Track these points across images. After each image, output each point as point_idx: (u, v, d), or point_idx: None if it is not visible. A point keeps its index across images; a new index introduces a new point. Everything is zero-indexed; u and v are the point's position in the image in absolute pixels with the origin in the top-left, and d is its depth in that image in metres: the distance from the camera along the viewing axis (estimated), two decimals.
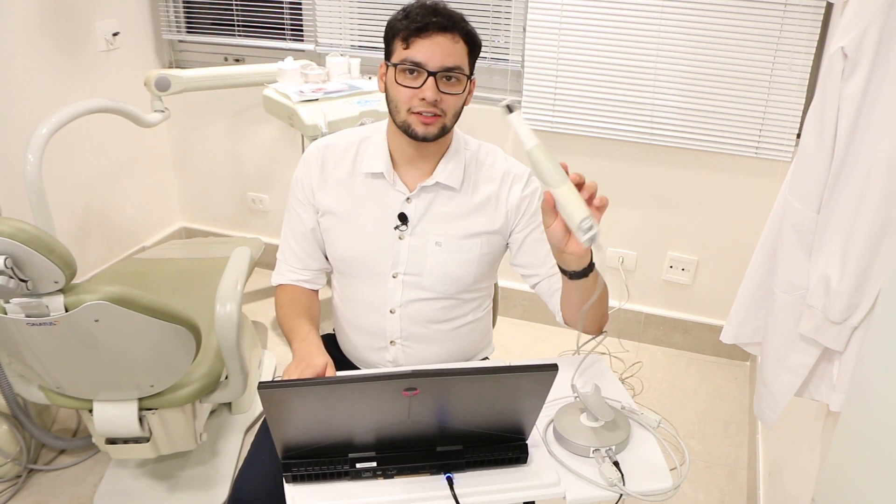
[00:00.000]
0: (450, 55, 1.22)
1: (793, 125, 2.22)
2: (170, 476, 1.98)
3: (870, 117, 1.06)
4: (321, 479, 1.04)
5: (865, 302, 1.10)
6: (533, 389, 1.01)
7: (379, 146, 1.35)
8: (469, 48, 1.26)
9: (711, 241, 2.50)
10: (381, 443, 1.04)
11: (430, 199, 1.35)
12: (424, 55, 1.21)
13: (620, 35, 2.27)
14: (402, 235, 1.35)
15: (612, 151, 2.46)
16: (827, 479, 1.11)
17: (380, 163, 1.34)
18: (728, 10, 2.15)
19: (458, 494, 1.02)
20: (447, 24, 1.22)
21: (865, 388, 0.97)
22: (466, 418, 1.04)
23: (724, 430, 2.28)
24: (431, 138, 1.27)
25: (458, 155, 1.36)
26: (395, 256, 1.35)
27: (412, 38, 1.22)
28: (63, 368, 1.52)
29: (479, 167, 1.37)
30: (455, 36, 1.23)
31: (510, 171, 1.38)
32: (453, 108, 1.27)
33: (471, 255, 1.36)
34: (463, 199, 1.36)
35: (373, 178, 1.35)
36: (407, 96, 1.24)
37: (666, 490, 1.07)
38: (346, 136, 1.40)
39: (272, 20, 2.77)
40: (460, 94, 1.26)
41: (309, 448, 1.02)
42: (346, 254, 1.39)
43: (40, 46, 2.42)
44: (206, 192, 3.16)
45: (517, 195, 1.37)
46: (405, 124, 1.26)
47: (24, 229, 1.25)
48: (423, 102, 1.23)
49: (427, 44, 1.21)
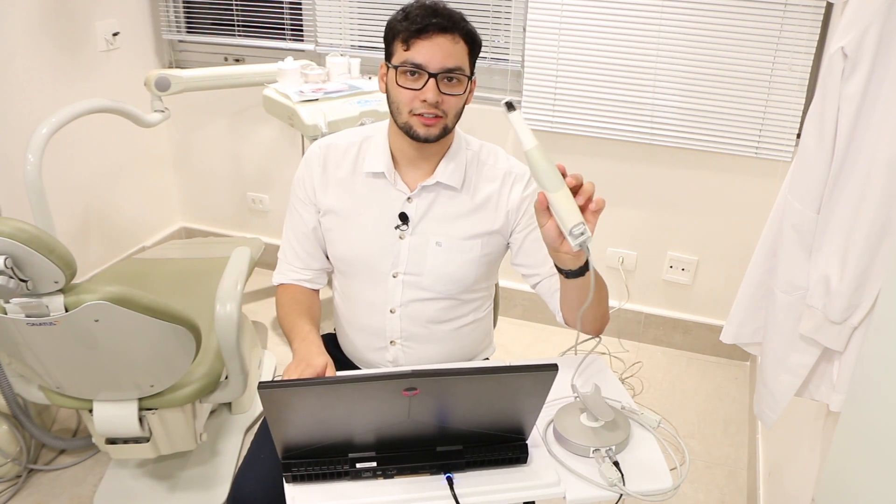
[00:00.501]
0: (450, 56, 1.22)
1: (793, 125, 2.22)
2: (170, 476, 1.98)
3: (870, 117, 1.06)
4: (321, 479, 1.04)
5: (865, 302, 1.10)
6: (533, 389, 1.01)
7: (380, 146, 1.35)
8: (469, 48, 1.26)
9: (711, 241, 2.50)
10: (381, 443, 1.04)
11: (431, 198, 1.35)
12: (425, 57, 1.21)
13: (620, 35, 2.27)
14: (403, 235, 1.35)
15: (612, 151, 2.46)
16: (827, 479, 1.11)
17: (381, 162, 1.34)
18: (728, 10, 2.15)
19: (458, 494, 1.02)
20: (447, 24, 1.22)
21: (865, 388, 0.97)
22: (466, 418, 1.04)
23: (724, 430, 2.28)
24: (433, 139, 1.27)
25: (459, 155, 1.36)
26: (395, 256, 1.35)
27: (412, 39, 1.21)
28: (63, 368, 1.52)
29: (480, 167, 1.37)
30: (455, 36, 1.23)
31: (511, 171, 1.38)
32: (454, 108, 1.26)
33: (471, 256, 1.36)
34: (464, 200, 1.36)
35: (374, 178, 1.35)
36: (408, 98, 1.24)
37: (666, 490, 1.07)
38: (348, 135, 1.40)
39: (272, 20, 2.77)
40: (461, 95, 1.26)
41: (309, 448, 1.02)
42: (346, 253, 1.39)
43: (40, 46, 2.42)
44: (206, 192, 3.16)
45: (518, 195, 1.37)
46: (407, 125, 1.26)
47: (24, 229, 1.25)
48: (425, 104, 1.23)
49: (427, 45, 1.21)
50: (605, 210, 1.10)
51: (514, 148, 2.56)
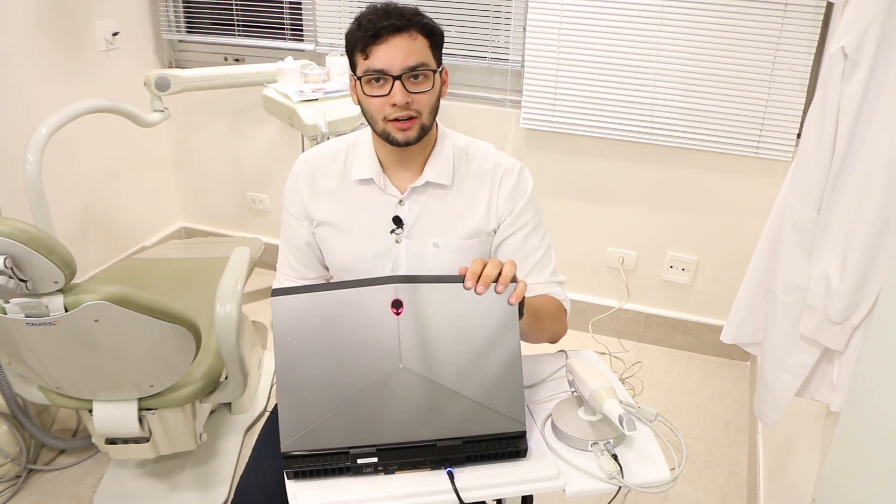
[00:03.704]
0: (410, 54, 1.20)
1: (793, 125, 2.22)
2: (170, 476, 1.98)
3: (870, 117, 1.06)
4: (322, 475, 1.05)
5: (866, 302, 1.10)
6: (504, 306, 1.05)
7: (366, 152, 1.33)
8: (430, 41, 1.24)
9: (711, 241, 2.50)
10: (382, 431, 1.05)
11: (423, 200, 1.33)
12: (384, 61, 1.19)
13: (620, 35, 2.27)
14: (399, 239, 1.33)
15: (612, 151, 2.46)
16: (827, 479, 1.11)
17: (368, 168, 1.32)
18: (728, 11, 2.15)
19: (459, 488, 1.03)
20: (400, 23, 1.20)
21: (866, 388, 0.97)
22: (454, 357, 1.05)
23: (724, 430, 2.28)
24: (413, 142, 1.25)
25: (445, 151, 1.33)
26: (394, 260, 1.34)
27: (369, 46, 1.20)
28: (63, 368, 1.52)
29: (468, 161, 1.35)
30: (412, 33, 1.21)
31: (501, 164, 1.35)
32: (427, 105, 1.24)
33: (469, 255, 1.34)
34: (456, 199, 1.34)
35: (363, 185, 1.34)
36: (378, 106, 1.23)
37: (664, 482, 1.07)
38: (333, 143, 1.38)
39: (272, 20, 2.77)
40: (431, 91, 1.24)
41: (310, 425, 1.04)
42: (344, 262, 1.37)
43: (40, 46, 2.42)
44: (206, 192, 3.16)
45: (508, 189, 1.34)
46: (384, 133, 1.25)
47: (24, 229, 1.25)
48: (396, 108, 1.21)
49: (385, 49, 1.19)
50: (606, 210, 1.10)
51: (514, 148, 2.56)
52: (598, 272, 2.67)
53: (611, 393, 1.08)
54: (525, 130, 2.53)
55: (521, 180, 1.35)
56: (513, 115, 2.53)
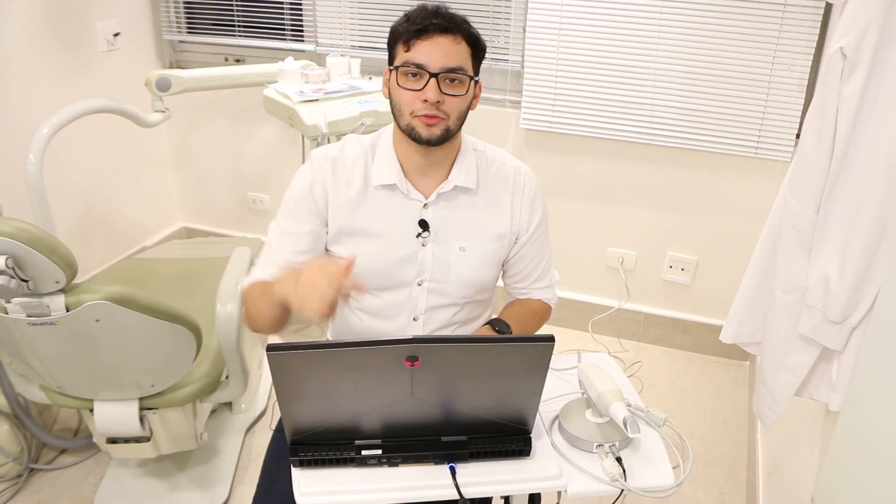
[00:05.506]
0: (451, 56, 1.21)
1: (792, 125, 2.22)
2: (170, 476, 1.98)
3: (869, 117, 1.06)
4: (327, 464, 1.06)
5: (864, 302, 1.10)
6: (532, 362, 1.01)
7: (387, 156, 1.31)
8: (472, 50, 1.25)
9: (711, 241, 2.50)
10: (387, 429, 1.05)
11: (448, 205, 1.32)
12: (425, 56, 1.20)
13: (620, 35, 2.28)
14: (426, 242, 1.32)
15: (612, 151, 2.47)
16: (826, 479, 1.11)
17: (390, 173, 1.30)
18: (727, 11, 2.15)
19: (461, 484, 1.04)
20: (448, 25, 1.21)
21: (865, 387, 0.97)
22: (469, 398, 1.04)
23: (724, 429, 2.29)
24: (435, 141, 1.24)
25: (469, 156, 1.34)
26: (420, 264, 1.32)
27: (413, 40, 1.21)
28: (64, 368, 1.53)
29: (489, 165, 1.36)
30: (457, 37, 1.22)
31: (520, 169, 1.37)
32: (457, 110, 1.24)
33: (493, 259, 1.36)
34: (480, 203, 1.34)
35: (386, 190, 1.32)
36: (409, 99, 1.22)
37: (667, 487, 1.07)
38: (351, 147, 1.34)
39: (272, 20, 2.77)
40: (464, 96, 1.24)
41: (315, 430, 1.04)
42: (368, 267, 1.32)
43: (41, 47, 2.42)
44: (206, 192, 3.16)
45: (530, 195, 1.37)
46: (409, 127, 1.24)
47: (25, 229, 1.25)
48: (426, 105, 1.21)
49: (428, 45, 1.20)
50: (605, 210, 1.11)
51: (514, 148, 2.57)
52: (598, 272, 2.67)
53: (618, 396, 1.08)
54: (525, 130, 2.53)
55: (538, 186, 1.38)
56: (512, 116, 2.53)
